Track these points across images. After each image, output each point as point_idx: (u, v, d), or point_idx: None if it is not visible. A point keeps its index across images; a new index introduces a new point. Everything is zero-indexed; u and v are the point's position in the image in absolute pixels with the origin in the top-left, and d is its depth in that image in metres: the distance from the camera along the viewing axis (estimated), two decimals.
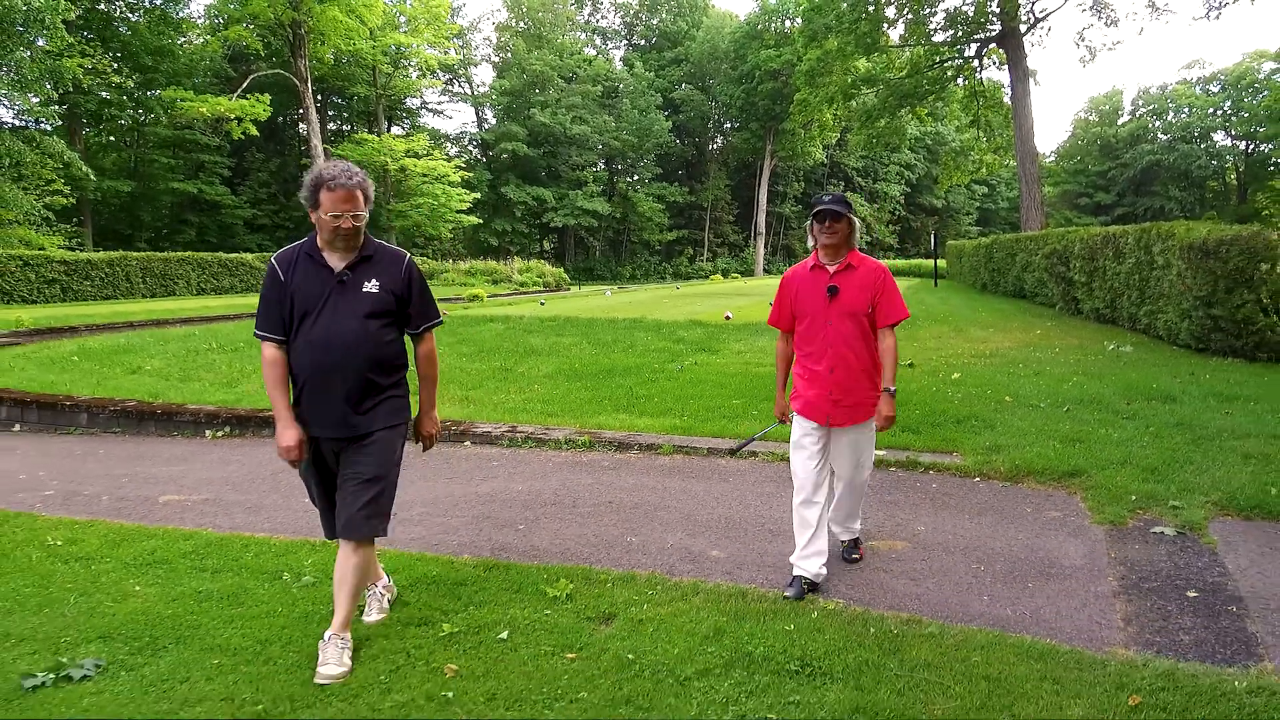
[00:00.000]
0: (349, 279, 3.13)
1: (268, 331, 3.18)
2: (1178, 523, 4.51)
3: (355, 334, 3.10)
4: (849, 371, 3.71)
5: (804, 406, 3.81)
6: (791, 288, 3.86)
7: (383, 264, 3.21)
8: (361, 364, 3.12)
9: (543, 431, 6.76)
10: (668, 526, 4.69)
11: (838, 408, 3.73)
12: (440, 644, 3.25)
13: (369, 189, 3.13)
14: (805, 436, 3.80)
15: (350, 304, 3.11)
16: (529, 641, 3.25)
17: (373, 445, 3.16)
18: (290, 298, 3.11)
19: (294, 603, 3.67)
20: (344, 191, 3.03)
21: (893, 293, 3.74)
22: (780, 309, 3.94)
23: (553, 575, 3.87)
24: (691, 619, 3.41)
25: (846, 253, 3.75)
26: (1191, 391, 7.57)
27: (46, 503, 5.54)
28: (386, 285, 3.17)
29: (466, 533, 4.66)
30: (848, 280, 3.72)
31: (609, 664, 3.06)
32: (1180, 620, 3.42)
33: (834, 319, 3.71)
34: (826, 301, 3.72)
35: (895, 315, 3.72)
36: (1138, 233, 12.26)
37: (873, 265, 3.78)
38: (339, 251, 3.14)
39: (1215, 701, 2.73)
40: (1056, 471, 5.40)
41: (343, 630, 3.11)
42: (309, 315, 3.10)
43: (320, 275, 3.13)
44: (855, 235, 3.75)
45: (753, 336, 12.21)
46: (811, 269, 3.81)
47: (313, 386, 3.13)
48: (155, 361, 10.11)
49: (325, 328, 3.08)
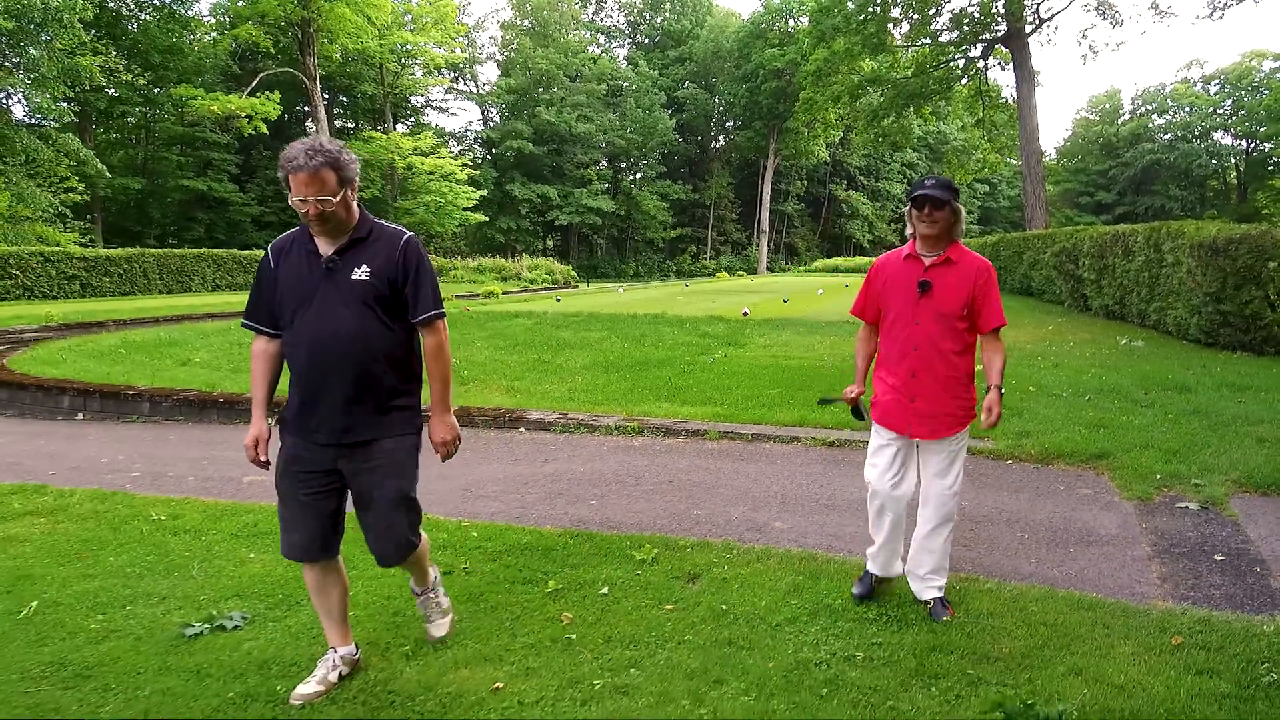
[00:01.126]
0: (337, 265, 2.79)
1: (254, 321, 2.93)
2: (1200, 498, 4.90)
3: (346, 327, 2.76)
4: (934, 378, 3.34)
5: (881, 414, 3.46)
6: (880, 278, 3.49)
7: (377, 246, 2.84)
8: (357, 361, 2.77)
9: (592, 419, 7.13)
10: (729, 501, 5.07)
11: (919, 418, 3.36)
12: (549, 598, 3.63)
13: (344, 166, 2.74)
14: (883, 448, 3.46)
15: (339, 294, 2.78)
16: (628, 595, 3.63)
17: (384, 457, 2.85)
18: (279, 288, 2.82)
19: (389, 572, 4.04)
20: (305, 175, 2.68)
21: (993, 295, 3.34)
22: (866, 299, 3.56)
23: (636, 542, 4.25)
24: (770, 577, 3.79)
25: (947, 245, 3.35)
26: (1205, 382, 7.95)
27: (136, 483, 5.91)
28: (380, 270, 2.81)
29: (542, 507, 5.03)
30: (943, 276, 3.33)
31: (704, 614, 3.44)
32: (1210, 579, 3.81)
33: (922, 318, 3.33)
34: (916, 297, 3.34)
35: (994, 321, 3.33)
36: (1147, 231, 12.65)
37: (975, 261, 3.36)
38: (325, 236, 2.81)
39: (1248, 641, 3.11)
40: (1084, 454, 5.79)
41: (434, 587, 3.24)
42: (299, 307, 2.79)
43: (309, 263, 2.81)
44: (960, 225, 3.35)
45: (775, 331, 12.59)
46: (905, 258, 3.42)
47: (307, 386, 2.81)
48: (201, 354, 10.48)
49: (315, 321, 2.77)
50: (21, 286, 24.18)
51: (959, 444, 3.43)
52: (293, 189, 2.72)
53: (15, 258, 24.12)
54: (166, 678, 3.00)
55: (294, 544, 2.91)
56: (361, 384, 2.79)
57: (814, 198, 74.36)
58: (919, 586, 3.49)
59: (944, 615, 3.36)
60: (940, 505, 3.41)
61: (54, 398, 8.72)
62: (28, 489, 5.66)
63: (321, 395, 2.79)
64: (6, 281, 23.82)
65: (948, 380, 3.34)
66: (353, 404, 2.79)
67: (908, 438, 3.42)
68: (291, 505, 2.88)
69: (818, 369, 8.86)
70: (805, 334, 12.36)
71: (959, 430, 3.39)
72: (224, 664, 3.09)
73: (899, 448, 3.44)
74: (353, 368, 2.78)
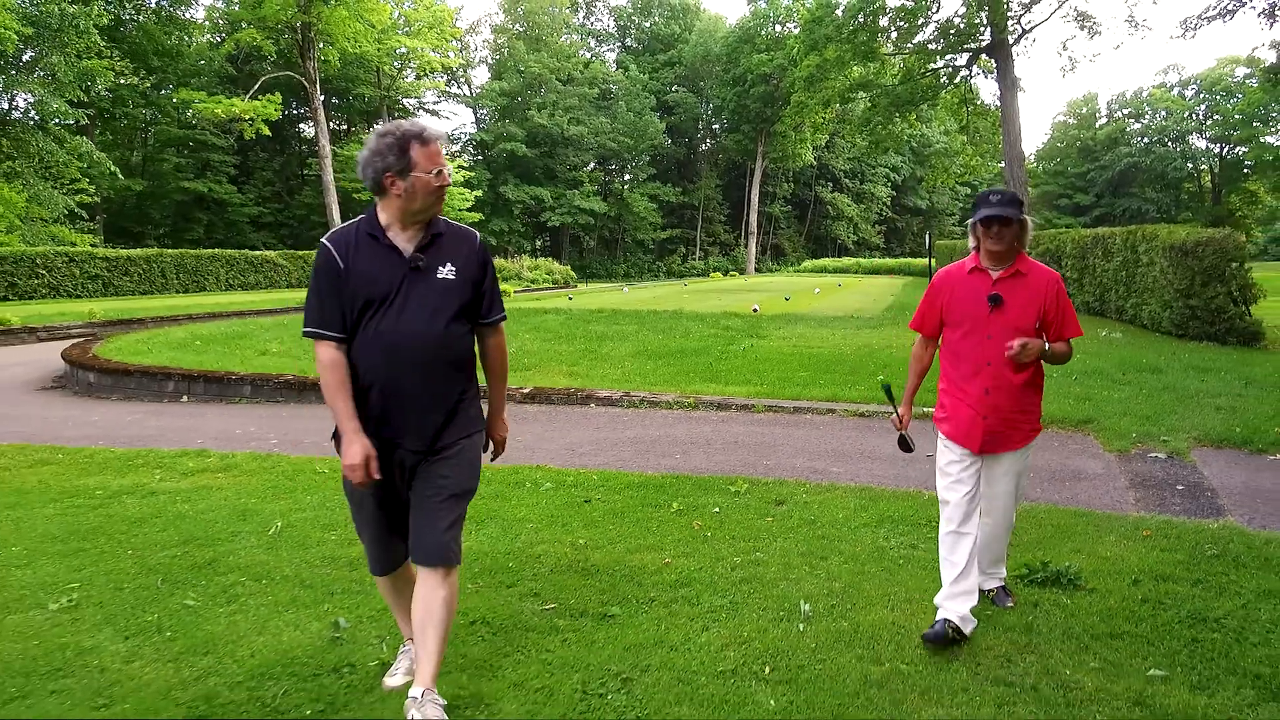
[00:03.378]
0: (424, 263, 2.65)
1: (323, 329, 2.63)
2: (1167, 450, 6.12)
3: (436, 331, 2.64)
4: (1009, 394, 3.28)
5: (953, 430, 3.38)
6: (944, 291, 3.41)
7: (454, 245, 2.74)
8: (444, 364, 2.68)
9: (653, 396, 8.29)
10: (790, 455, 6.25)
11: (992, 434, 3.31)
12: (676, 514, 4.78)
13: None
14: (954, 464, 3.37)
15: (427, 295, 2.64)
16: (735, 512, 4.79)
17: (458, 455, 2.74)
18: (353, 287, 2.62)
19: (540, 500, 5.17)
20: (437, 145, 2.64)
21: (1068, 308, 3.30)
22: (928, 313, 3.48)
23: (728, 480, 5.41)
24: (839, 501, 4.96)
25: (1014, 257, 3.29)
26: (1174, 365, 9.22)
27: (278, 447, 6.99)
28: (462, 270, 2.71)
29: (638, 460, 6.18)
30: (1014, 289, 3.25)
31: (797, 522, 4.60)
32: (1173, 500, 5.02)
33: (995, 333, 3.24)
34: (987, 312, 3.26)
35: (1071, 332, 3.31)
36: (1124, 234, 13.95)
37: (1045, 274, 3.31)
38: (411, 228, 2.67)
39: (1198, 533, 4.32)
40: (1073, 420, 7.01)
41: (433, 684, 2.61)
42: (377, 307, 2.61)
43: (389, 259, 2.64)
44: (1027, 236, 3.28)
45: (789, 326, 13.81)
46: (970, 271, 3.34)
47: (386, 391, 2.64)
48: (275, 345, 11.55)
49: (400, 323, 2.61)
50: (48, 285, 25.06)
51: (1028, 454, 3.44)
52: (429, 160, 2.60)
53: (43, 258, 25.00)
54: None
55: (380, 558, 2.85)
56: (446, 386, 2.70)
57: (800, 200, 75.86)
58: (981, 579, 3.44)
59: (1007, 602, 3.49)
60: (1006, 513, 3.44)
61: (159, 382, 9.78)
62: (190, 453, 6.74)
63: (405, 399, 2.65)
64: (34, 281, 24.69)
65: (1022, 393, 3.30)
66: (437, 407, 2.69)
67: (979, 453, 3.36)
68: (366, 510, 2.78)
69: (839, 356, 10.06)
70: (818, 327, 13.63)
71: (1031, 441, 3.40)
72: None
73: (972, 462, 3.36)
74: (441, 370, 2.67)
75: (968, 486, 3.33)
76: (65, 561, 4.24)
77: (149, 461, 6.46)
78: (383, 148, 2.59)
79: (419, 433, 2.68)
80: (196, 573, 4.02)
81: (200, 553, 4.30)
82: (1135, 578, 3.73)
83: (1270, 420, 6.71)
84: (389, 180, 2.60)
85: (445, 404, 2.71)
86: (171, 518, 4.95)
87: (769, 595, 3.60)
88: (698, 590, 3.67)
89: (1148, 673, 2.91)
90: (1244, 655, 3.04)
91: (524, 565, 4.00)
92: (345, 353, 2.64)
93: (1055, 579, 3.67)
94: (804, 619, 3.35)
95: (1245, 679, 2.87)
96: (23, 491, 5.67)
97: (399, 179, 2.59)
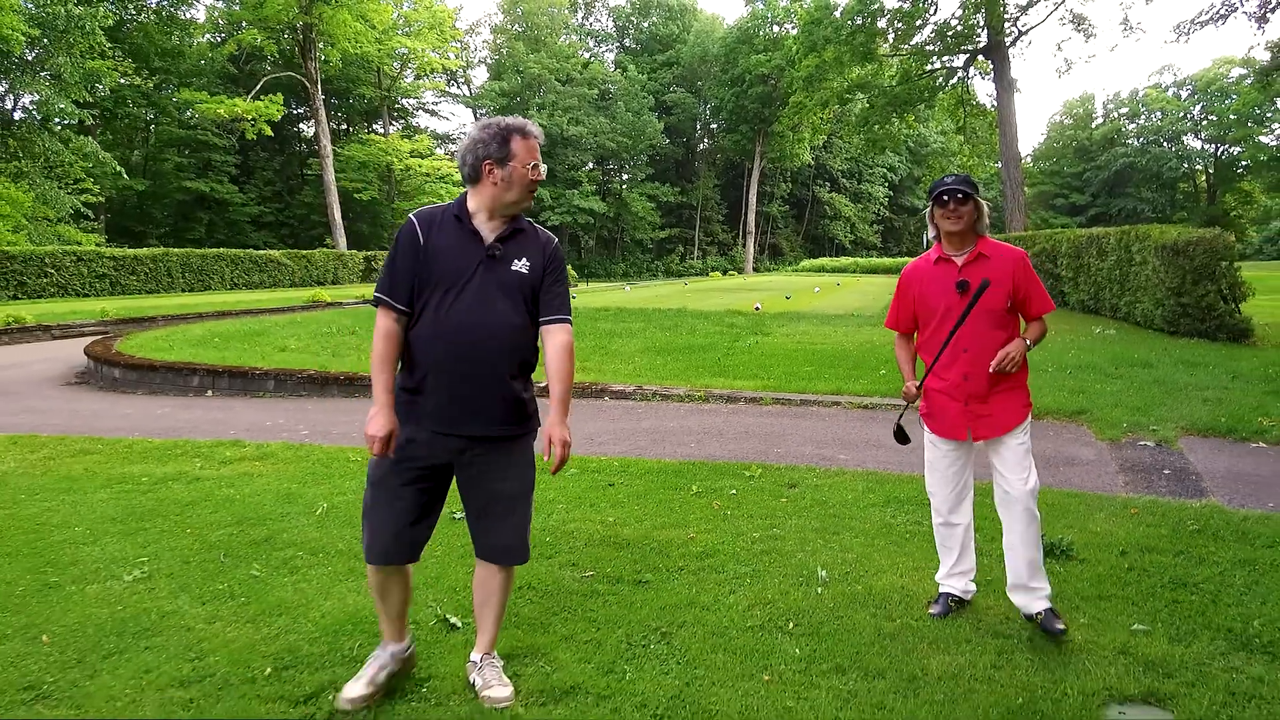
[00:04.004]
0: (501, 253, 2.71)
1: (391, 298, 2.70)
2: (1156, 438, 6.47)
3: (506, 319, 2.69)
4: (988, 375, 3.25)
5: (939, 425, 3.40)
6: (914, 285, 3.44)
7: (534, 241, 2.81)
8: (510, 352, 2.71)
9: (664, 389, 8.63)
10: (798, 443, 6.59)
11: (979, 419, 3.30)
12: (695, 496, 5.11)
13: None
14: (941, 459, 3.44)
15: (501, 282, 2.69)
16: (750, 494, 5.12)
17: (517, 456, 2.79)
18: (428, 264, 2.67)
19: (567, 484, 5.50)
20: (535, 142, 2.74)
21: (1035, 284, 3.33)
22: (900, 310, 3.52)
23: (742, 466, 5.75)
24: (848, 484, 5.29)
25: (975, 240, 3.31)
26: (1164, 360, 9.58)
27: (309, 438, 7.31)
28: (535, 266, 2.76)
29: (655, 449, 6.52)
30: (980, 271, 3.27)
31: (809, 503, 4.94)
32: (1159, 483, 5.37)
33: (967, 318, 3.27)
34: (957, 298, 3.27)
35: (1042, 307, 3.33)
36: (1119, 234, 14.32)
37: (1009, 252, 3.32)
38: (497, 219, 2.74)
39: (1181, 511, 4.66)
40: (1067, 410, 7.36)
41: (492, 648, 2.88)
42: (450, 289, 2.66)
43: (470, 243, 2.71)
44: (984, 221, 3.30)
45: (791, 323, 14.17)
46: (935, 261, 3.36)
47: (447, 375, 2.67)
48: (293, 342, 11.87)
49: (472, 306, 2.66)
50: (56, 285, 25.34)
51: (1026, 434, 3.33)
52: (528, 153, 2.70)
53: (51, 257, 25.29)
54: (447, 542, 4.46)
55: (384, 545, 2.77)
56: (505, 375, 2.72)
57: (798, 199, 76.32)
58: (1025, 599, 3.26)
59: (1057, 625, 3.13)
60: (1026, 504, 3.27)
61: (184, 377, 10.09)
62: (225, 443, 7.05)
63: (468, 386, 2.68)
64: (43, 280, 24.97)
65: (1001, 374, 3.27)
66: (500, 399, 2.72)
67: (969, 443, 3.37)
68: (393, 495, 2.74)
69: (841, 352, 10.41)
70: (820, 325, 14.00)
71: (1024, 419, 3.32)
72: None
73: (959, 455, 3.40)
74: (505, 360, 2.71)
75: (956, 480, 3.43)
76: (128, 540, 4.55)
77: (187, 451, 6.77)
78: (485, 136, 2.71)
79: (475, 418, 2.70)
80: (255, 548, 4.34)
81: (254, 531, 4.62)
82: (1122, 549, 4.08)
83: (1254, 410, 7.06)
84: (487, 167, 2.69)
85: (502, 392, 2.72)
86: (220, 501, 5.26)
87: (788, 564, 3.94)
88: (722, 560, 4.00)
89: (1131, 628, 3.25)
90: (1218, 614, 3.37)
91: (560, 540, 4.33)
92: (403, 328, 2.71)
93: (1049, 550, 4.00)
94: (821, 584, 3.69)
95: (1219, 633, 3.21)
96: (72, 478, 5.98)
97: (497, 167, 2.68)
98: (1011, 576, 3.31)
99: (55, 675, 3.04)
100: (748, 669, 2.95)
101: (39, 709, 2.83)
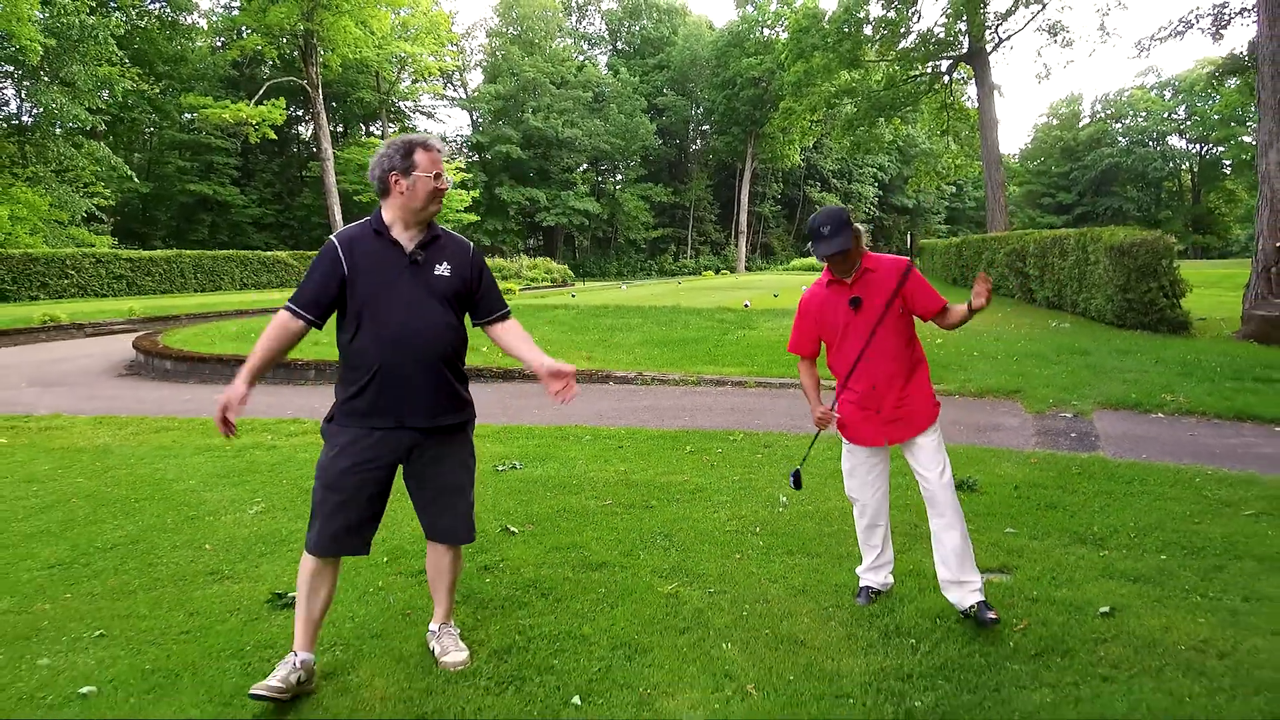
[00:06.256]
0: (422, 259, 2.94)
1: (300, 307, 2.93)
2: (1073, 411, 7.73)
3: (437, 319, 2.93)
4: (891, 380, 3.47)
5: (854, 435, 3.61)
6: (812, 311, 3.62)
7: (450, 248, 3.03)
8: (441, 350, 2.95)
9: (661, 375, 9.87)
10: (775, 417, 7.84)
11: (890, 424, 3.50)
12: (688, 454, 6.35)
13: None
14: (859, 466, 3.65)
15: (425, 287, 2.93)
16: (734, 452, 6.37)
17: (456, 449, 3.08)
18: (355, 280, 2.89)
19: (584, 448, 6.72)
20: (437, 153, 2.95)
21: (920, 282, 3.48)
22: (802, 335, 3.69)
23: (727, 433, 7.01)
24: (819, 448, 6.52)
25: (860, 259, 3.48)
26: (1102, 349, 10.85)
27: None
28: (457, 270, 3.00)
29: (655, 422, 7.75)
30: (869, 286, 3.47)
31: (779, 457, 6.19)
32: (1063, 443, 6.64)
33: (864, 331, 3.47)
34: (853, 314, 3.48)
35: (933, 304, 3.49)
36: (1077, 235, 15.60)
37: (890, 262, 3.51)
38: (414, 228, 2.97)
39: (1070, 460, 5.92)
40: (1005, 390, 8.63)
41: (449, 618, 3.20)
42: (378, 297, 2.88)
43: (391, 254, 2.93)
44: (863, 242, 3.44)
45: (776, 319, 15.43)
46: (829, 284, 3.56)
47: (389, 376, 2.89)
48: (325, 336, 13.02)
49: (402, 313, 2.89)
50: (76, 285, 26.48)
51: (937, 431, 3.53)
52: (430, 164, 2.91)
53: (72, 259, 26.43)
54: (502, 496, 5.69)
55: (334, 536, 2.93)
56: (447, 373, 2.97)
57: (789, 199, 77.63)
58: (959, 595, 3.40)
59: (989, 615, 3.29)
60: (948, 497, 3.44)
61: (231, 368, 11.24)
62: (286, 421, 8.25)
63: (408, 384, 2.89)
64: (64, 281, 26.11)
65: (905, 375, 3.49)
66: (439, 392, 2.96)
67: (884, 447, 3.58)
68: (346, 497, 2.92)
69: None
70: None
71: (934, 419, 3.52)
72: (531, 479, 5.78)
73: (878, 460, 3.62)
74: (439, 357, 2.93)
75: (878, 484, 3.63)
76: (238, 488, 5.75)
77: (255, 427, 7.95)
78: (390, 151, 2.95)
79: (418, 411, 2.93)
80: None
81: None
82: (1015, 485, 5.33)
83: (1162, 389, 8.33)
84: (394, 179, 2.91)
85: (440, 386, 2.96)
86: (302, 462, 6.46)
87: (759, 496, 5.20)
88: (709, 494, 5.26)
89: (1004, 530, 4.50)
90: (1071, 522, 4.62)
91: (584, 484, 5.57)
92: (299, 330, 2.96)
93: (960, 485, 5.24)
94: (782, 506, 4.95)
95: (1067, 534, 4.45)
96: (165, 447, 7.16)
97: (402, 178, 2.90)
98: (942, 571, 3.46)
99: (230, 566, 4.26)
100: (725, 552, 4.21)
101: (227, 584, 4.04)
